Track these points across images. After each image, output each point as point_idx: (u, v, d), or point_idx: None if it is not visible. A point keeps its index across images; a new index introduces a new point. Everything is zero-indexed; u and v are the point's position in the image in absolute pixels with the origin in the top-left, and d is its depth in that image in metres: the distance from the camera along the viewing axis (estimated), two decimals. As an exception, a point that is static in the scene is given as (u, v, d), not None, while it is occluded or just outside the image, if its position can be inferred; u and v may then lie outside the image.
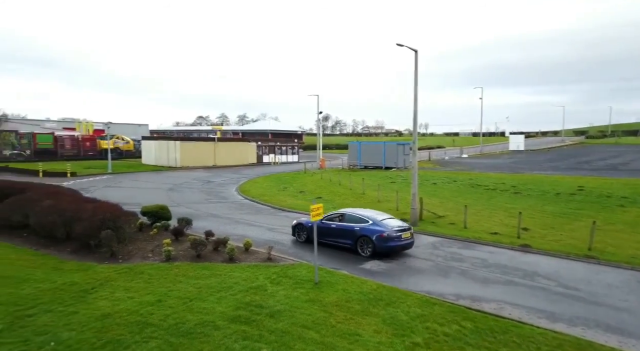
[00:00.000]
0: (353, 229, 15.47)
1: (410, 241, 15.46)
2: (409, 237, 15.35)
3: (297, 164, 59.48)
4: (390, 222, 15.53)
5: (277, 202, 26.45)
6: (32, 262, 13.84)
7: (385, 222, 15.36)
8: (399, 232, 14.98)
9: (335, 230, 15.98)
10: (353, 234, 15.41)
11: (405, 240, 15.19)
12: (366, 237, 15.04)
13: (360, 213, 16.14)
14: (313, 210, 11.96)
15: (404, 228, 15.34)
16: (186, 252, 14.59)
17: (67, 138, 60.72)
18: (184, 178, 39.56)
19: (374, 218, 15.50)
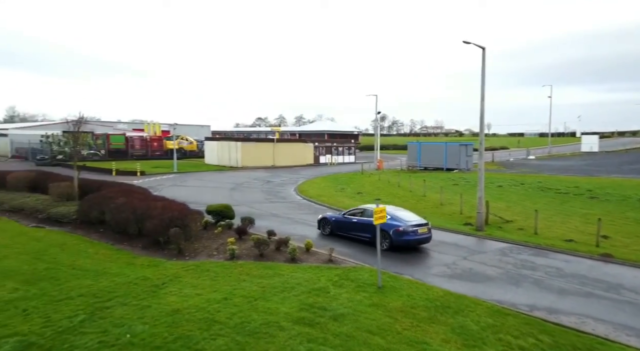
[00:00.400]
0: (372, 223, 15.25)
1: (427, 236, 16.05)
2: (426, 232, 15.95)
3: (353, 165, 59.21)
4: (408, 217, 16.22)
5: (334, 203, 26.37)
6: (108, 256, 14.67)
7: (402, 217, 16.04)
8: (415, 227, 15.62)
9: (357, 224, 16.84)
10: (372, 228, 15.40)
11: (422, 235, 15.79)
12: (384, 231, 15.27)
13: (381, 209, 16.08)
14: (376, 213, 11.71)
15: (420, 223, 15.95)
16: (249, 251, 14.84)
17: (137, 139, 64.39)
18: (244, 178, 40.59)
19: (392, 214, 15.95)
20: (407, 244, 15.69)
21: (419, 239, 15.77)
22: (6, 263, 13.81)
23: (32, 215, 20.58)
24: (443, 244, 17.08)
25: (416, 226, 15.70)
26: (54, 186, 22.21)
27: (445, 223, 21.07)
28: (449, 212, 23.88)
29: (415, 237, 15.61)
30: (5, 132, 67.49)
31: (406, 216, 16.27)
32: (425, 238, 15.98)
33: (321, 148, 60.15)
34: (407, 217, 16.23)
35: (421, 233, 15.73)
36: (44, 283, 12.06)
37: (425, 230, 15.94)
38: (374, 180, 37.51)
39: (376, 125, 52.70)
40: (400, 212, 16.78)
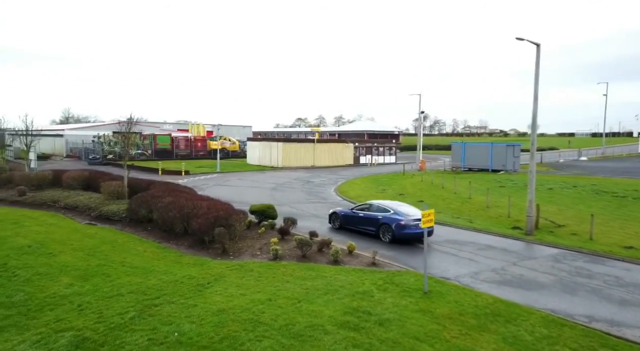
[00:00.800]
0: (377, 217, 17.38)
1: (429, 229, 15.97)
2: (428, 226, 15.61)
3: (394, 165, 58.44)
4: (410, 211, 17.03)
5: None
6: (156, 254, 15.09)
7: (404, 212, 16.96)
8: (416, 221, 16.08)
9: (363, 218, 17.98)
10: (377, 222, 17.31)
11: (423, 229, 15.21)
12: (387, 224, 16.83)
13: (384, 203, 18.05)
14: (424, 216, 11.40)
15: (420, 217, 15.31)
16: (292, 251, 14.85)
17: (182, 139, 66.30)
18: (285, 178, 40.88)
19: (396, 209, 17.24)
20: (408, 237, 16.55)
21: (420, 233, 15.94)
22: (62, 258, 14.49)
23: (85, 213, 21.54)
24: (490, 248, 16.45)
25: (417, 220, 15.98)
26: (105, 185, 23.16)
27: (491, 226, 20.33)
28: (495, 214, 23.04)
29: (416, 230, 16.16)
30: (61, 133, 71.30)
31: (408, 211, 17.12)
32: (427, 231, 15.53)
33: (361, 149, 59.73)
34: (409, 211, 17.04)
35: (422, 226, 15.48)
36: (96, 279, 12.54)
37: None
38: (416, 182, 36.80)
39: (419, 125, 51.45)
40: (403, 207, 17.73)
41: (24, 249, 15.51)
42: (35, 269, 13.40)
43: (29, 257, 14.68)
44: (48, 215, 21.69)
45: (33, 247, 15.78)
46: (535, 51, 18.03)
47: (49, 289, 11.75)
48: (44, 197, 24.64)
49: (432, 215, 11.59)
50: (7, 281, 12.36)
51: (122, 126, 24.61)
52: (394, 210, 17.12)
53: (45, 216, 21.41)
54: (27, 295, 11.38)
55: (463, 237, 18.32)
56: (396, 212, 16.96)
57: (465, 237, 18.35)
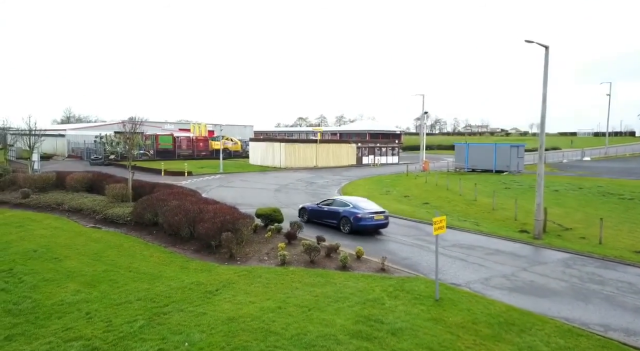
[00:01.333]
0: (338, 211, 19.18)
1: (383, 222, 18.76)
2: (382, 219, 18.69)
3: (397, 166, 58.29)
4: (367, 206, 19.02)
5: (382, 207, 25.85)
6: (162, 259, 14.96)
7: (362, 206, 18.88)
8: (371, 214, 18.33)
9: (327, 212, 19.72)
10: (338, 215, 19.12)
11: (378, 221, 18.58)
12: (346, 217, 18.67)
13: (345, 199, 20.19)
14: (436, 223, 11.27)
15: (377, 211, 18.67)
16: (300, 257, 14.72)
17: (184, 139, 66.19)
18: (288, 179, 40.73)
19: (355, 203, 19.10)
20: (364, 228, 18.44)
21: (375, 224, 18.57)
22: (69, 264, 14.37)
23: (90, 216, 21.42)
24: (499, 253, 16.32)
25: (373, 213, 18.38)
26: (110, 187, 23.04)
27: (499, 230, 20.20)
28: (501, 217, 22.91)
29: (371, 222, 18.39)
30: (63, 133, 71.20)
31: (366, 205, 19.10)
32: (381, 224, 18.77)
33: (364, 149, 59.59)
34: (366, 205, 19.06)
35: (377, 219, 18.52)
36: (103, 285, 12.42)
37: (382, 217, 18.65)
38: (421, 183, 36.66)
39: (422, 126, 51.36)
40: (361, 202, 19.64)
41: (29, 254, 15.40)
42: (42, 275, 13.29)
43: (35, 262, 14.57)
44: (52, 218, 21.59)
45: (39, 251, 15.67)
46: (544, 53, 17.88)
47: (56, 296, 11.64)
48: (47, 200, 24.53)
49: (443, 221, 11.45)
50: (14, 288, 12.26)
51: (125, 126, 24.45)
52: (353, 204, 19.04)
53: (49, 219, 21.30)
54: (34, 302, 11.27)
55: (470, 240, 18.18)
56: (355, 206, 18.83)
57: (473, 240, 18.21)
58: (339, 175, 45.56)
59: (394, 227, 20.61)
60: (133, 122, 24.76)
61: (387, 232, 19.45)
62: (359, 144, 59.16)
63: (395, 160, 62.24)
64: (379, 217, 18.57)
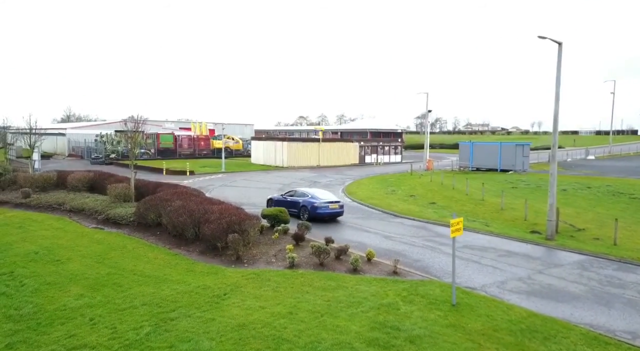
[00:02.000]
0: (298, 201, 21.16)
1: (338, 211, 20.94)
2: (337, 208, 20.84)
3: (400, 165, 57.85)
4: (323, 196, 21.18)
5: (387, 207, 25.48)
6: (167, 262, 14.55)
7: (319, 196, 20.99)
8: (327, 203, 20.52)
9: (289, 202, 21.48)
10: (298, 204, 21.04)
11: (333, 210, 20.72)
12: (305, 206, 20.69)
13: (305, 190, 22.18)
14: (453, 225, 10.85)
15: (332, 200, 20.94)
16: (308, 259, 14.31)
17: (185, 138, 65.73)
18: (291, 178, 40.29)
19: (312, 194, 21.20)
20: (321, 216, 20.37)
21: (330, 213, 20.66)
22: (71, 266, 13.96)
23: (92, 216, 21.00)
24: (513, 255, 15.90)
25: (328, 202, 20.61)
26: (112, 187, 22.61)
27: (509, 230, 19.78)
28: (511, 217, 22.48)
29: (327, 210, 20.49)
30: (63, 132, 70.74)
31: (322, 195, 21.30)
32: (336, 212, 20.91)
33: (366, 148, 59.12)
34: (323, 196, 21.26)
35: (332, 208, 20.67)
36: (107, 289, 12.01)
37: (336, 206, 20.86)
38: (425, 182, 36.21)
39: (426, 124, 50.70)
40: (319, 192, 21.86)
41: (30, 256, 14.99)
42: (44, 278, 12.88)
43: (36, 264, 14.16)
44: (54, 218, 21.17)
45: (40, 253, 15.26)
46: (557, 50, 17.44)
47: (58, 300, 11.23)
48: (48, 200, 24.10)
49: (460, 223, 11.03)
50: (15, 292, 11.85)
51: (127, 125, 24.00)
52: (311, 195, 21.13)
53: (50, 219, 20.88)
54: (36, 307, 10.86)
55: (481, 242, 17.76)
56: (312, 197, 20.91)
57: (484, 242, 17.79)
58: (342, 174, 45.13)
59: (402, 228, 20.21)
60: (135, 120, 24.31)
61: (389, 231, 19.05)
62: (362, 143, 58.69)
63: (398, 159, 61.80)
64: (334, 206, 20.74)
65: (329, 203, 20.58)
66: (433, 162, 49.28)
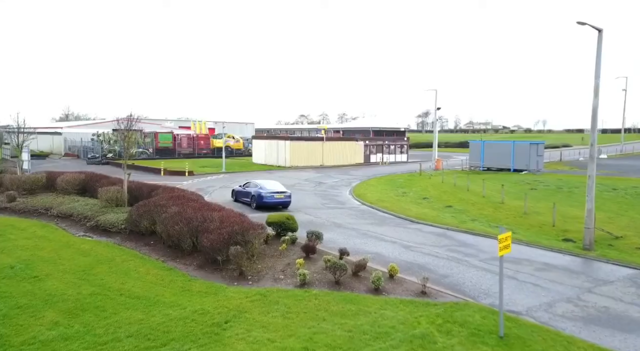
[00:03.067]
0: (250, 192, 23.55)
1: (284, 200, 22.89)
2: (282, 197, 22.80)
3: (407, 164, 55.98)
4: (270, 187, 23.33)
5: (400, 211, 23.66)
6: (160, 279, 12.73)
7: (266, 187, 23.22)
8: (272, 193, 22.66)
9: (245, 192, 24.23)
10: (250, 194, 23.53)
11: (278, 199, 22.68)
12: (254, 196, 22.99)
13: (256, 182, 24.52)
14: (501, 241, 9.04)
15: (278, 191, 22.94)
16: (321, 275, 12.51)
17: (184, 137, 63.90)
18: (294, 179, 38.46)
19: (262, 185, 23.46)
20: (267, 204, 22.32)
21: (275, 202, 22.57)
22: (50, 284, 12.16)
23: (80, 223, 19.20)
24: (551, 268, 14.08)
25: (274, 192, 22.76)
26: (103, 191, 20.78)
27: (538, 238, 17.97)
28: (537, 223, 20.66)
29: (272, 199, 22.53)
30: (60, 131, 68.95)
31: (270, 186, 23.45)
32: (281, 201, 22.79)
33: (372, 147, 57.22)
34: (271, 187, 23.40)
35: (277, 197, 22.65)
36: (88, 315, 10.22)
37: (282, 196, 22.81)
38: (437, 183, 34.37)
39: (434, 122, 48.62)
40: (268, 183, 24.16)
41: (5, 271, 13.19)
42: (15, 300, 11.11)
43: (10, 282, 12.37)
44: (38, 225, 19.35)
45: (16, 268, 13.45)
46: (597, 38, 15.61)
47: (28, 330, 9.44)
48: (35, 203, 22.30)
49: (509, 239, 9.24)
50: (-23, 320, 10.04)
51: (121, 123, 22.17)
52: (260, 186, 23.36)
53: (34, 226, 19.07)
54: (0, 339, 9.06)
55: (512, 251, 15.90)
56: (261, 187, 23.11)
57: (515, 252, 15.85)
58: (348, 174, 43.30)
59: (421, 236, 18.41)
60: (129, 118, 22.45)
61: (407, 240, 17.24)
62: (367, 142, 56.78)
63: (404, 158, 59.89)
64: (279, 195, 22.77)
65: (275, 193, 22.71)
66: (442, 161, 47.42)
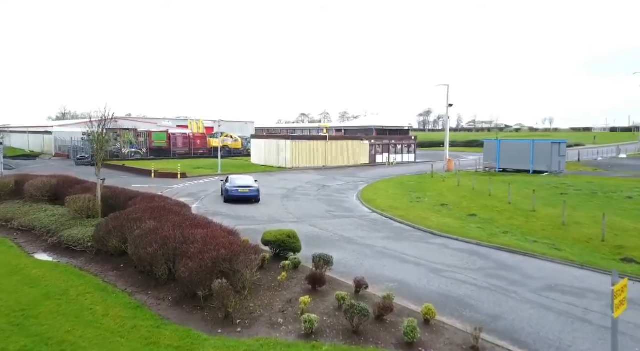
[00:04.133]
0: (224, 186, 25.25)
1: (249, 194, 24.34)
2: (247, 192, 24.25)
3: (415, 165, 52.85)
4: (238, 182, 25.16)
5: (418, 221, 20.57)
6: (120, 323, 9.65)
7: (234, 182, 25.06)
8: (236, 187, 24.31)
9: (223, 188, 25.71)
10: (223, 189, 25.63)
11: (243, 193, 24.19)
12: (225, 189, 24.80)
13: (230, 177, 26.36)
14: (616, 295, 6.01)
15: (242, 185, 24.54)
16: (333, 319, 9.48)
17: (180, 137, 60.87)
18: (296, 181, 35.38)
19: (231, 180, 25.44)
20: (234, 198, 24.04)
21: (240, 196, 24.13)
22: (-31, 334, 9.09)
23: (42, 238, 16.23)
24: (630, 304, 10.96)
25: (238, 187, 24.34)
26: (71, 199, 17.75)
27: (591, 257, 14.82)
28: (581, 236, 17.55)
29: (236, 194, 24.08)
30: (50, 130, 65.90)
31: (238, 181, 25.30)
32: (246, 195, 24.27)
33: (377, 146, 54.04)
34: (238, 181, 25.21)
35: (242, 192, 24.11)
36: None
37: (247, 190, 24.26)
38: (452, 186, 31.26)
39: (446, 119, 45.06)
40: (237, 178, 26.52)
41: None
42: None
43: None
44: (-8, 241, 16.33)
45: (-64, 306, 10.40)
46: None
47: None
48: (-4, 214, 19.29)
49: (625, 290, 6.21)
50: None
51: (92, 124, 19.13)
52: (230, 181, 25.28)
53: (-14, 243, 16.04)
54: None
55: (567, 277, 12.86)
56: (230, 182, 25.05)
57: (570, 278, 12.89)
58: (354, 176, 40.24)
59: (449, 254, 15.31)
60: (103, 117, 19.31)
61: (434, 260, 14.15)
62: (372, 141, 53.61)
63: (412, 158, 56.71)
64: (243, 190, 24.30)
65: (239, 187, 24.29)
66: (453, 162, 44.31)
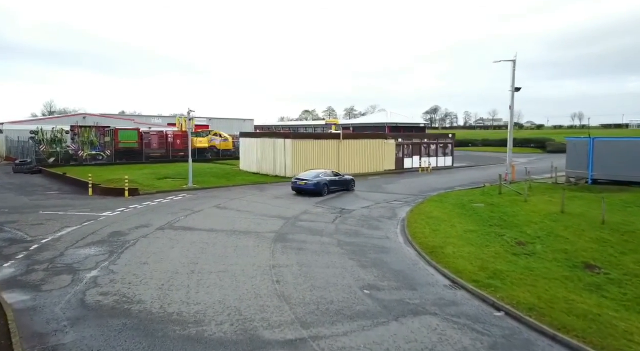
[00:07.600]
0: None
1: (305, 186, 25.47)
2: (303, 185, 25.50)
3: (455, 171, 40.84)
4: (304, 175, 26.74)
5: (554, 308, 8.74)
6: None
7: (302, 176, 26.71)
8: (297, 179, 26.03)
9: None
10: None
11: (300, 185, 25.64)
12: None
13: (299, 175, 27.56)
14: None
15: (302, 178, 25.91)
16: None
17: (154, 136, 48.91)
18: (299, 204, 23.37)
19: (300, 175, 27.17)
20: (294, 189, 26.07)
21: (298, 187, 25.69)
22: None
23: None
24: None
25: (297, 179, 26.00)
26: None
27: None
28: None
29: (297, 185, 25.80)
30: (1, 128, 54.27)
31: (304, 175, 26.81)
32: (303, 187, 25.50)
33: (405, 147, 41.83)
34: (304, 175, 26.74)
35: (300, 184, 25.62)
36: None
37: (303, 183, 25.49)
38: (551, 213, 18.95)
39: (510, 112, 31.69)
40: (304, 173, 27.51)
41: None
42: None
43: None
44: None
45: None
46: None
47: None
48: None
49: None
50: None
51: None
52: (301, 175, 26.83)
53: None
54: None
55: None
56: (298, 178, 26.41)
57: None
58: (381, 190, 28.35)
59: None
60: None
61: None
62: (399, 140, 41.37)
63: (449, 162, 44.35)
64: (301, 182, 25.53)
65: (298, 180, 25.93)
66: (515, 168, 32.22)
